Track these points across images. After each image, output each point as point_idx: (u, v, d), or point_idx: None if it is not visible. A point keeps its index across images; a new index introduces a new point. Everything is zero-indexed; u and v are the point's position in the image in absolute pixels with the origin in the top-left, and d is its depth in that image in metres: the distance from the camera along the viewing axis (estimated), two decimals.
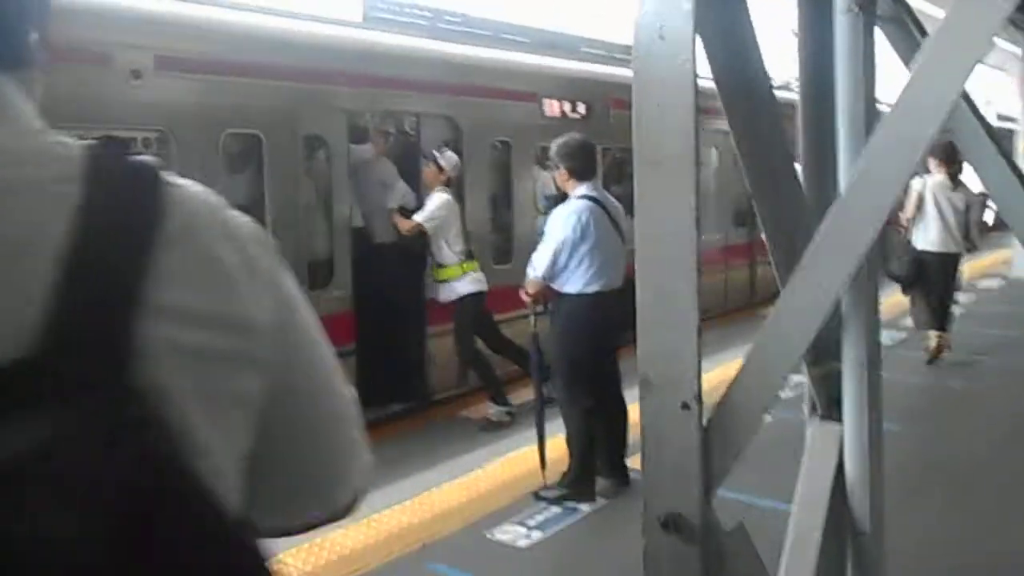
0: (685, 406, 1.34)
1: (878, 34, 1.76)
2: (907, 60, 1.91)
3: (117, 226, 0.70)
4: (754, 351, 1.40)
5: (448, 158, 6.76)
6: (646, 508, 1.37)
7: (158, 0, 5.53)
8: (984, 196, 15.45)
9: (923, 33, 1.94)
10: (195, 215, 0.76)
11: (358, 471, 0.93)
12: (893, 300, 7.90)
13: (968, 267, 12.56)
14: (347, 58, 6.50)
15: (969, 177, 7.65)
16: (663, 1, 1.32)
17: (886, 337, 7.05)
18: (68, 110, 4.83)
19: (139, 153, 0.80)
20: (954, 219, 7.66)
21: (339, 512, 0.93)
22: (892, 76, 1.80)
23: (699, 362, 1.36)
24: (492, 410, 6.70)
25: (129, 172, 0.75)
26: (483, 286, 6.75)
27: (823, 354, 1.75)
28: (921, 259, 7.53)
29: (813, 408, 1.88)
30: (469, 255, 6.73)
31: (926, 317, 7.66)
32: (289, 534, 0.92)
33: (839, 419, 1.79)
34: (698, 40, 1.34)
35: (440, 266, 6.71)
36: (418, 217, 6.61)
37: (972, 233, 14.24)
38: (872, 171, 1.21)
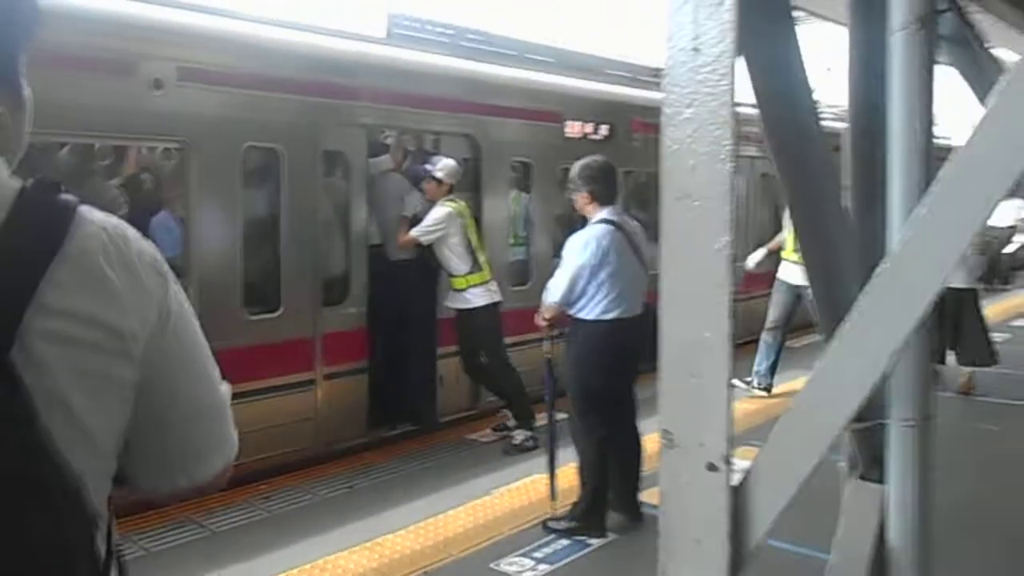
0: (712, 467, 1.19)
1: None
2: (972, 84, 1.75)
3: (24, 245, 0.95)
4: (794, 412, 1.24)
5: (444, 166, 6.55)
6: None
7: (181, 11, 5.48)
8: (1011, 230, 15.10)
9: (989, 54, 1.77)
10: (92, 242, 0.99)
11: (220, 453, 1.18)
12: None
13: (1002, 306, 12.36)
14: (368, 74, 6.42)
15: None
16: (699, 9, 1.16)
17: None
18: (89, 118, 4.80)
19: (66, 192, 1.00)
20: (971, 253, 7.78)
21: (204, 485, 1.18)
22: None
23: (730, 419, 1.21)
24: (518, 433, 6.47)
25: (47, 205, 0.99)
26: (493, 298, 6.56)
27: (866, 409, 1.57)
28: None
29: (853, 466, 1.71)
30: (476, 267, 6.57)
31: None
32: (169, 495, 1.18)
33: (881, 481, 1.61)
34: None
35: (451, 276, 6.61)
36: (414, 232, 6.49)
37: (999, 268, 14.06)
38: (935, 220, 1.05)
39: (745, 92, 1.59)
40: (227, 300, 5.46)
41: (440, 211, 6.46)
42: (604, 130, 8.53)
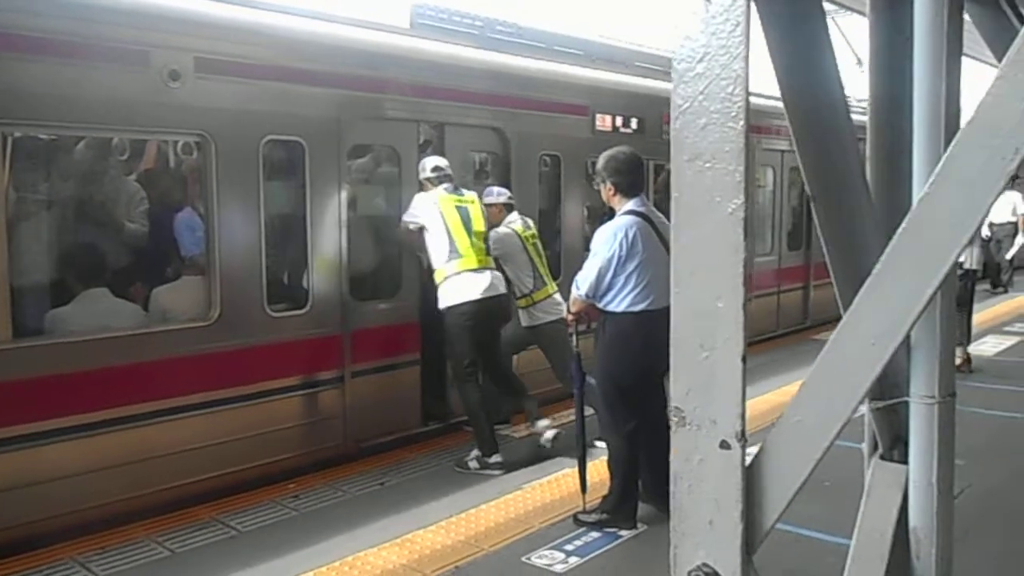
0: (725, 445, 1.13)
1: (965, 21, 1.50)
2: (997, 51, 1.66)
3: None
4: (809, 383, 1.17)
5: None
6: (675, 560, 1.17)
7: (198, 0, 5.47)
8: (1014, 226, 14.63)
9: (1020, 18, 1.68)
10: None
11: None
12: None
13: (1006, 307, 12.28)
14: (392, 65, 6.40)
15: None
16: None
17: None
18: (103, 112, 4.83)
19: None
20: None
21: None
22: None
23: (743, 394, 1.15)
24: (472, 457, 5.98)
25: None
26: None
27: (887, 386, 1.51)
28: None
29: (874, 446, 1.64)
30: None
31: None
32: None
33: (904, 460, 1.54)
34: (754, 12, 1.14)
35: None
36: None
37: (1003, 272, 14.03)
38: (958, 171, 0.99)
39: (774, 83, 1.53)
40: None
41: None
42: (635, 123, 8.45)
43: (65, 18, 4.67)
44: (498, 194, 6.64)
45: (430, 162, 6.21)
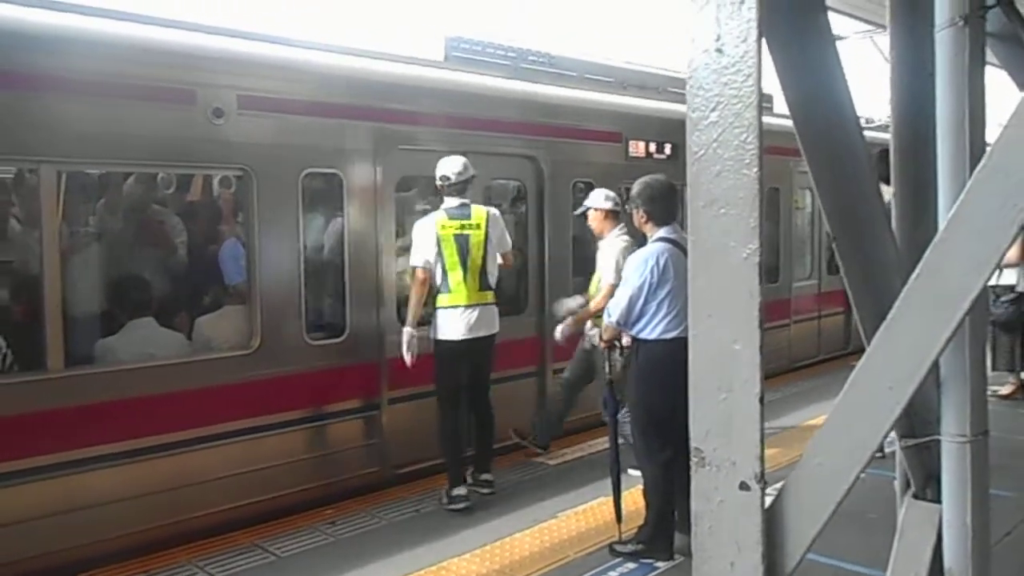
0: (744, 486, 1.13)
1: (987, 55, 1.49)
2: (1021, 84, 1.65)
3: None
4: (829, 426, 1.17)
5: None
6: None
7: (240, 40, 5.62)
8: None
9: None
10: None
11: None
12: None
13: None
14: (427, 98, 6.49)
15: None
16: (721, 8, 1.12)
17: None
18: (150, 147, 4.98)
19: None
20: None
21: None
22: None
23: (762, 435, 1.15)
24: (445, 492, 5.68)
25: None
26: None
27: (918, 423, 1.49)
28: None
29: (906, 485, 1.62)
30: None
31: (1006, 359, 7.97)
32: None
33: (937, 500, 1.52)
34: (766, 56, 1.15)
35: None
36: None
37: None
38: (971, 216, 0.99)
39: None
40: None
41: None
42: (668, 148, 8.45)
43: (120, 61, 4.85)
44: (606, 198, 6.00)
45: (439, 168, 5.73)
